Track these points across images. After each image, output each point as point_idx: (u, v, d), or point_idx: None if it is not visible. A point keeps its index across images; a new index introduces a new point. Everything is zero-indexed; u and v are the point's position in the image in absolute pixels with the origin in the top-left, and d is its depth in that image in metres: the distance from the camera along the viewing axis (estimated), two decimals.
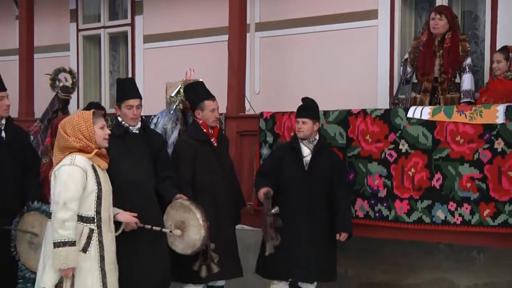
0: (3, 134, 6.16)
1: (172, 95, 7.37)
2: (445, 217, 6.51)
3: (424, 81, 7.25)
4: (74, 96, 8.44)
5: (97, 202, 5.28)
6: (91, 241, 5.19)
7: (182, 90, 7.24)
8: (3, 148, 6.11)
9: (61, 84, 7.76)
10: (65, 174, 5.14)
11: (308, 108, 6.60)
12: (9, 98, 6.27)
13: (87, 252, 5.17)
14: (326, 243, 6.59)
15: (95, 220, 5.26)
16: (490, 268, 7.21)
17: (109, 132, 5.55)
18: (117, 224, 5.62)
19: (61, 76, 7.97)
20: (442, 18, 7.07)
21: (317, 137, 6.62)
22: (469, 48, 7.25)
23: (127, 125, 6.28)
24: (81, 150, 5.24)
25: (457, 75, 7.18)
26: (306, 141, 6.55)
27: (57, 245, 5.03)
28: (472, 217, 6.37)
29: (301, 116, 6.54)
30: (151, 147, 6.38)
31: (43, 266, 5.25)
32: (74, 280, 5.13)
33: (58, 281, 5.11)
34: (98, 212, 5.27)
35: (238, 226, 6.81)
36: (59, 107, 7.60)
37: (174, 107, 7.36)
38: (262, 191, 6.32)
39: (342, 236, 6.54)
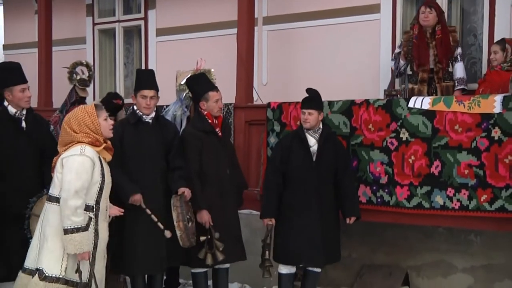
0: (24, 124, 6.16)
1: (182, 83, 7.38)
2: (444, 203, 6.51)
3: (420, 72, 7.28)
4: (90, 87, 8.42)
5: (98, 192, 5.27)
6: (88, 229, 5.16)
7: None
8: (24, 137, 6.11)
9: (78, 77, 7.77)
10: (76, 163, 5.12)
11: (313, 99, 6.57)
12: (30, 89, 6.27)
13: None
14: (333, 227, 6.62)
15: (94, 210, 5.25)
16: (487, 251, 7.20)
17: (112, 122, 5.55)
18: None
19: (78, 69, 7.98)
20: (431, 11, 7.14)
21: (321, 126, 6.59)
22: (458, 39, 7.31)
23: (141, 114, 6.35)
24: (90, 143, 5.22)
25: (450, 64, 7.25)
26: (311, 131, 6.52)
27: (70, 231, 5.03)
28: (470, 203, 6.39)
29: (307, 107, 6.50)
30: (164, 136, 6.44)
31: (38, 246, 5.23)
32: (67, 264, 5.13)
33: (76, 268, 5.09)
34: (97, 202, 5.27)
35: (245, 211, 6.83)
36: (77, 99, 7.61)
37: (184, 94, 7.38)
38: (266, 222, 6.45)
39: (351, 220, 6.59)
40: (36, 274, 5.10)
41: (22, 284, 5.24)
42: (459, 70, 7.22)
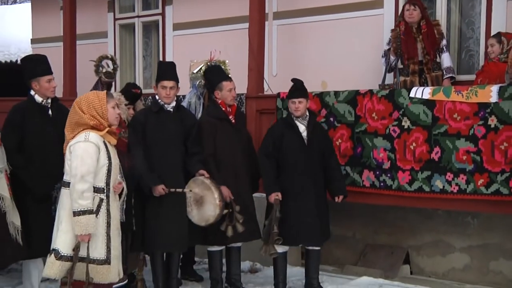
0: (50, 112, 6.19)
1: (195, 71, 7.38)
2: (443, 186, 6.51)
3: (411, 64, 7.28)
4: None
5: (107, 174, 5.24)
6: (100, 209, 5.17)
7: (204, 68, 7.30)
8: (50, 124, 6.13)
9: (104, 70, 7.79)
10: (80, 149, 5.12)
11: (301, 88, 6.56)
12: (55, 80, 6.28)
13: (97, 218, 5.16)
14: (325, 207, 6.62)
15: (105, 191, 5.24)
16: (483, 232, 7.21)
17: (119, 111, 5.56)
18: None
19: (104, 62, 8.00)
20: (416, 9, 7.19)
21: (307, 113, 6.58)
22: (442, 31, 7.33)
23: (163, 103, 6.40)
24: (93, 128, 5.22)
25: (437, 55, 7.26)
26: (300, 118, 6.51)
27: (77, 213, 5.03)
28: (468, 186, 6.38)
29: (297, 96, 6.48)
30: (184, 124, 6.46)
31: (56, 229, 5.26)
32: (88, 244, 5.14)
33: (75, 245, 5.10)
34: (107, 183, 5.25)
35: (257, 194, 6.81)
36: (102, 90, 7.61)
37: (197, 83, 7.37)
38: (274, 196, 6.36)
39: (340, 199, 6.59)
40: (52, 254, 5.12)
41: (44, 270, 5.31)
42: (446, 60, 7.24)
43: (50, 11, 11.45)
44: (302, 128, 6.50)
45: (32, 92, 6.15)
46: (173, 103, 6.45)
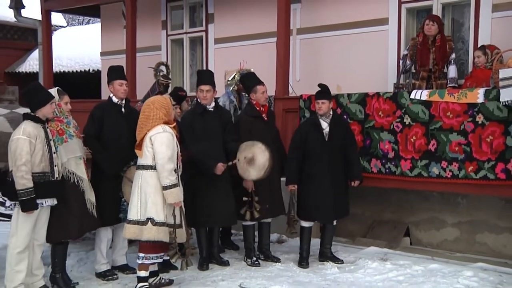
0: (123, 109, 6.30)
1: (229, 79, 7.46)
2: (439, 172, 6.47)
3: (422, 71, 7.15)
4: None
5: (177, 158, 5.53)
6: (179, 185, 5.50)
7: (236, 76, 7.39)
8: (123, 119, 6.21)
9: (161, 73, 7.83)
10: (165, 138, 5.40)
11: (325, 91, 6.52)
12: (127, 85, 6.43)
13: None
14: (343, 190, 6.60)
15: (177, 171, 5.51)
16: (471, 210, 7.19)
17: (179, 111, 5.97)
18: None
19: (160, 68, 8.03)
20: (434, 24, 6.99)
21: (331, 112, 6.55)
22: (453, 46, 7.17)
23: (204, 104, 6.45)
24: (165, 123, 5.51)
25: (445, 66, 7.11)
26: (324, 116, 6.47)
27: (169, 187, 5.34)
28: (459, 172, 6.35)
29: (320, 98, 6.46)
30: (222, 121, 6.54)
31: (139, 203, 5.44)
32: (166, 212, 5.43)
33: (172, 213, 5.41)
34: (178, 166, 5.55)
35: (283, 178, 6.77)
36: (160, 91, 7.63)
37: (230, 89, 7.44)
38: (291, 187, 6.45)
39: (355, 183, 6.60)
40: (149, 222, 5.36)
41: (130, 232, 5.49)
42: (452, 71, 7.08)
43: (115, 29, 11.53)
44: (324, 125, 6.47)
45: (111, 94, 6.31)
46: (213, 104, 6.49)
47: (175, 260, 5.65)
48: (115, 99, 6.26)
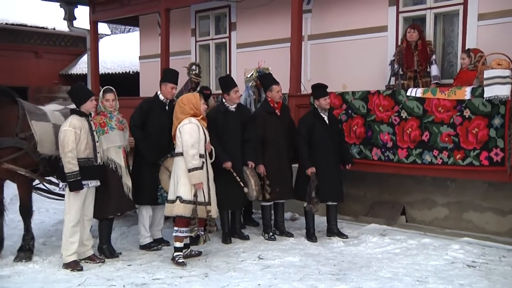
0: (167, 107, 6.22)
1: (248, 76, 7.46)
2: (431, 160, 6.43)
3: (408, 72, 7.14)
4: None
5: (204, 146, 5.59)
6: (203, 168, 5.52)
7: (254, 74, 7.37)
8: (165, 115, 6.15)
9: (193, 72, 7.84)
10: (188, 128, 5.49)
11: (327, 89, 6.55)
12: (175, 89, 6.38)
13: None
14: (340, 174, 6.60)
15: (204, 157, 5.58)
16: (458, 192, 7.13)
17: (206, 106, 5.95)
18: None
19: (193, 67, 8.06)
20: (414, 31, 7.06)
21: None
22: (433, 49, 7.15)
23: (227, 105, 6.44)
24: (192, 115, 5.57)
25: (428, 66, 7.09)
26: (324, 110, 6.49)
27: (192, 170, 5.40)
28: (449, 160, 6.30)
29: (327, 94, 6.50)
30: (242, 119, 6.50)
31: (175, 183, 5.55)
32: (193, 192, 5.48)
33: (194, 193, 5.44)
34: (205, 151, 5.60)
35: (294, 165, 6.75)
36: (192, 87, 7.66)
37: (250, 85, 7.42)
38: (311, 170, 6.31)
39: (349, 166, 6.68)
40: (177, 200, 5.47)
41: (166, 210, 5.71)
42: (434, 70, 7.06)
43: (152, 36, 11.55)
44: (325, 117, 6.49)
45: (158, 92, 6.28)
46: (235, 104, 6.44)
47: (194, 235, 5.55)
48: (161, 97, 6.22)
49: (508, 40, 6.08)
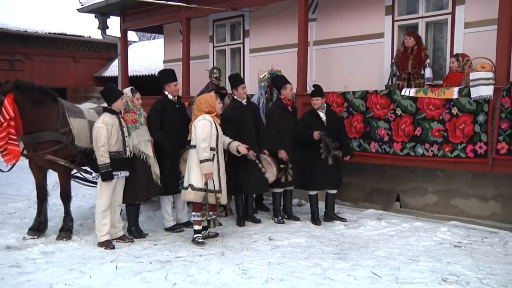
0: (177, 105, 6.30)
1: (261, 77, 7.44)
2: (423, 152, 6.41)
3: (403, 74, 7.09)
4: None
5: (216, 139, 5.56)
6: (214, 159, 5.48)
7: (267, 75, 7.35)
8: (177, 112, 6.21)
9: (214, 76, 7.86)
10: (201, 123, 5.48)
11: (319, 91, 6.52)
12: (178, 85, 6.40)
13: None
14: (338, 164, 6.57)
15: (215, 149, 5.54)
16: (447, 181, 7.11)
17: (222, 105, 5.88)
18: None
19: (214, 70, 8.09)
20: (411, 38, 6.99)
21: (325, 105, 6.56)
22: (428, 54, 7.08)
23: (241, 100, 6.44)
24: (207, 112, 5.56)
25: (422, 69, 7.00)
26: (320, 109, 6.49)
27: (203, 161, 5.37)
28: (439, 152, 6.28)
29: (315, 96, 6.50)
30: (253, 113, 6.55)
31: (188, 173, 5.54)
32: (204, 180, 5.47)
33: (204, 182, 5.41)
34: (216, 145, 5.57)
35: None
36: (212, 88, 7.68)
37: (262, 84, 7.40)
38: (316, 133, 6.29)
39: (348, 158, 6.62)
40: (189, 187, 5.47)
41: (182, 196, 5.71)
42: (427, 73, 6.97)
43: (174, 42, 11.59)
44: (322, 115, 6.49)
45: (166, 93, 6.26)
46: (245, 98, 6.52)
47: (205, 219, 5.56)
48: (170, 97, 6.21)
49: (492, 46, 6.03)
